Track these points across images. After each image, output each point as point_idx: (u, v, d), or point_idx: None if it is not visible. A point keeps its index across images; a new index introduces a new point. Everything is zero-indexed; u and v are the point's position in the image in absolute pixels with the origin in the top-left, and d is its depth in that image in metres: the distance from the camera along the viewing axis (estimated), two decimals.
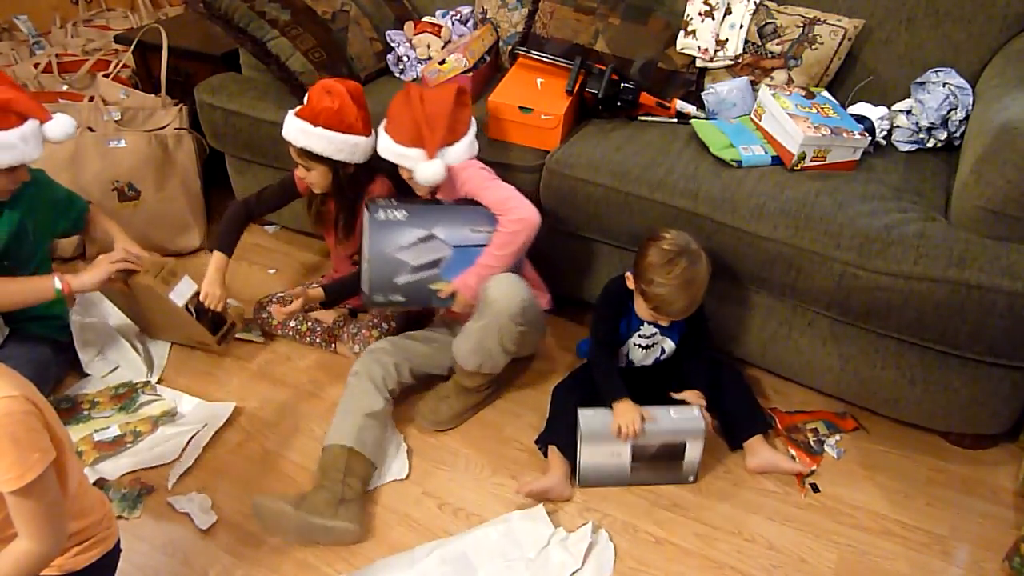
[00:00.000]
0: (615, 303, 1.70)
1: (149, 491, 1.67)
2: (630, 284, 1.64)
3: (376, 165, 1.87)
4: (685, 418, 1.60)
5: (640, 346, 1.74)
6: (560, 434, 1.68)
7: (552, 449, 1.68)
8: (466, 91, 1.78)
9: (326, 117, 1.75)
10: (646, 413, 1.59)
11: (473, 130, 1.78)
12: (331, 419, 1.87)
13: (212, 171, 2.50)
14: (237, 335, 2.10)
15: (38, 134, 1.66)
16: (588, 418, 1.60)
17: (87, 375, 1.94)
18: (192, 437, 1.78)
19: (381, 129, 1.77)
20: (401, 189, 1.88)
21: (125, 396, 1.87)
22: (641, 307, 1.63)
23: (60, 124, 1.69)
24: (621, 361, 1.77)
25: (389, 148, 1.75)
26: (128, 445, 1.75)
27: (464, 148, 1.75)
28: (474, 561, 1.51)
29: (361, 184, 1.90)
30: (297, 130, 1.78)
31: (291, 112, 1.80)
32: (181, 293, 1.83)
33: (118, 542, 1.27)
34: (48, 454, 1.03)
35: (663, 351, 1.75)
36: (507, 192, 1.70)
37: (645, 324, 1.70)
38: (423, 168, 1.70)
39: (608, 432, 1.58)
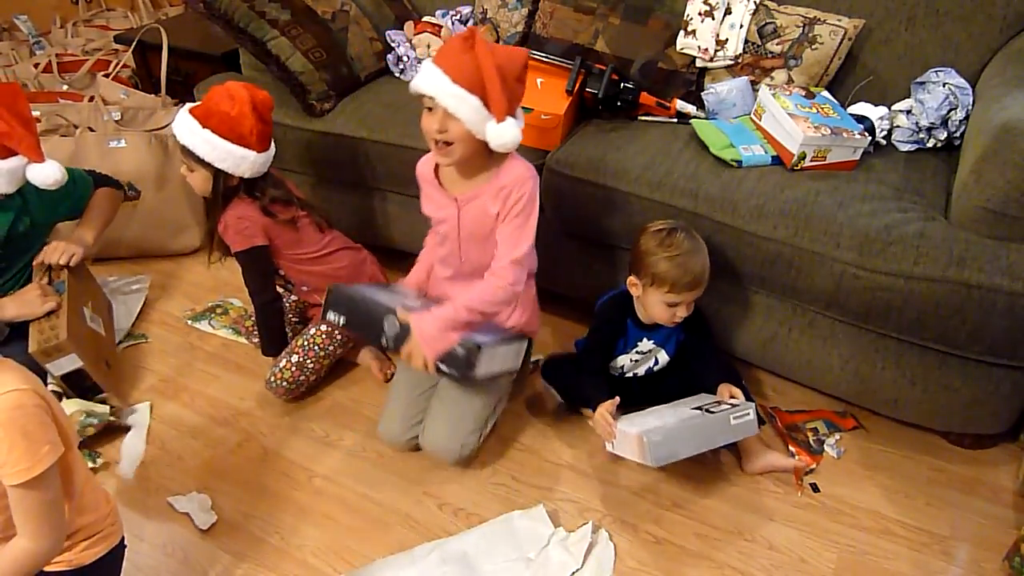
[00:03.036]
0: (612, 324, 1.69)
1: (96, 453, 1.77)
2: (634, 290, 1.62)
3: (258, 185, 1.76)
4: (741, 422, 1.53)
5: (634, 360, 1.75)
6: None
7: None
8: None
9: (218, 121, 1.63)
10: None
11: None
12: (331, 419, 1.89)
13: None
14: (231, 336, 2.11)
15: (17, 172, 1.65)
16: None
17: None
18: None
19: (428, 61, 1.43)
20: (271, 215, 1.77)
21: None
22: (655, 304, 1.58)
23: (44, 171, 1.66)
24: (612, 371, 1.77)
25: (439, 83, 1.37)
26: None
27: (518, 126, 1.43)
28: (474, 561, 1.51)
29: (230, 201, 1.76)
30: (184, 127, 1.66)
31: (187, 106, 1.68)
32: (60, 367, 1.74)
33: (123, 538, 1.28)
34: (57, 447, 1.04)
35: (656, 362, 1.76)
36: (523, 254, 1.50)
37: (644, 340, 1.70)
38: (498, 131, 1.38)
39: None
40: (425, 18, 2.33)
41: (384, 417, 1.76)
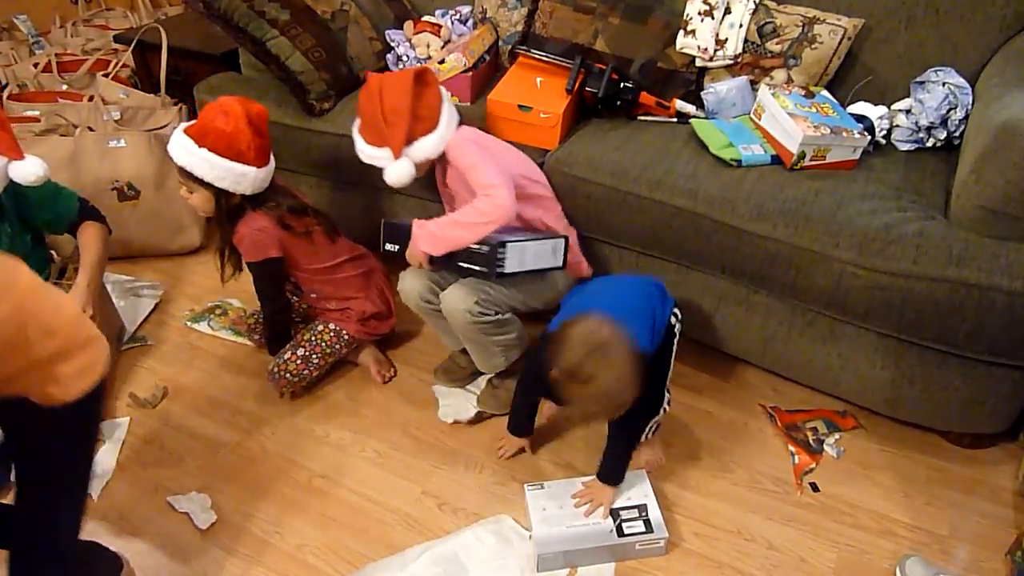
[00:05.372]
0: (537, 386, 1.52)
1: None
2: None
3: (266, 198, 1.76)
4: (647, 548, 1.53)
5: None
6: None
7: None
8: (427, 71, 1.64)
9: (214, 139, 1.60)
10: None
11: (447, 113, 1.67)
12: (331, 419, 1.88)
13: None
14: (230, 337, 2.12)
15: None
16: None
17: None
18: None
19: (355, 129, 1.72)
20: (288, 228, 1.77)
21: None
22: None
23: (26, 167, 1.64)
24: None
25: (362, 151, 1.69)
26: None
27: (437, 138, 1.64)
28: (465, 561, 1.51)
29: (239, 218, 1.74)
30: (180, 147, 1.64)
31: (181, 126, 1.68)
32: None
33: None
34: None
35: None
36: (492, 178, 1.58)
37: None
38: (389, 170, 1.64)
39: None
40: (425, 17, 2.32)
41: (407, 273, 1.76)
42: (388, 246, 1.70)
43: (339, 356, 1.94)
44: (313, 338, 1.89)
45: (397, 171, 1.64)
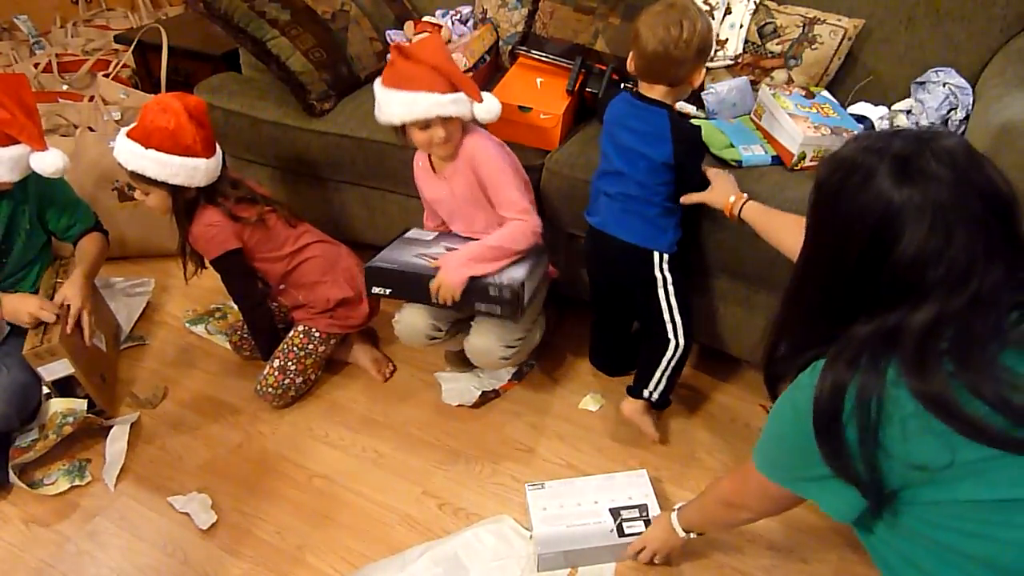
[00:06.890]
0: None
1: (87, 461, 1.77)
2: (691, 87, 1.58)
3: (219, 190, 1.75)
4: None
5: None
6: None
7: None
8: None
9: (159, 138, 1.61)
10: None
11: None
12: (330, 419, 1.88)
13: None
14: (225, 342, 2.12)
15: (20, 160, 1.65)
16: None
17: None
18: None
19: (391, 92, 1.59)
20: (238, 219, 1.77)
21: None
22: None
23: (48, 159, 1.66)
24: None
25: (430, 99, 1.55)
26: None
27: (484, 109, 1.66)
28: (465, 562, 1.52)
29: (195, 213, 1.76)
30: (127, 151, 1.64)
31: (123, 131, 1.67)
32: (52, 371, 1.74)
33: None
34: None
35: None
36: (524, 200, 1.65)
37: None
38: (483, 106, 1.62)
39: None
40: (425, 18, 2.32)
41: (406, 312, 1.78)
42: (376, 289, 1.71)
43: (320, 355, 1.91)
44: (285, 346, 1.87)
45: (494, 104, 1.63)
